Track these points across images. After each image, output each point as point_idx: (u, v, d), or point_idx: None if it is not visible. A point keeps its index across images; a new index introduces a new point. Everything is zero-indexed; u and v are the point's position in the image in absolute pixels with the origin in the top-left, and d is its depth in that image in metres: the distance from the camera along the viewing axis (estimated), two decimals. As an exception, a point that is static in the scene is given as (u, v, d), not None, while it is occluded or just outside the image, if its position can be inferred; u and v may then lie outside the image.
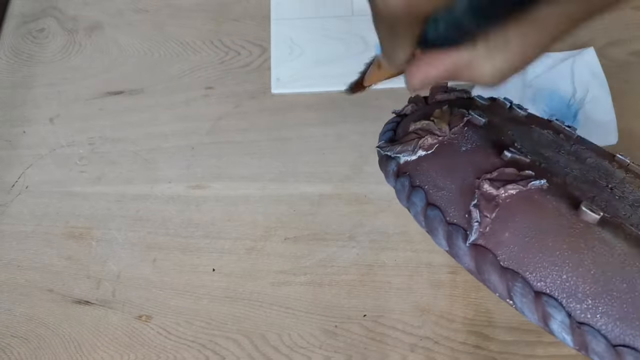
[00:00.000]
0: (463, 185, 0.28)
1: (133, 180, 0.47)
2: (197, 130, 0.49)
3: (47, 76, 0.52)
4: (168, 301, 0.42)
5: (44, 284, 0.43)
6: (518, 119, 0.36)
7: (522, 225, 0.26)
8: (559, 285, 0.25)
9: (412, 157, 0.31)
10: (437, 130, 0.30)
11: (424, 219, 0.29)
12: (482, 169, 0.28)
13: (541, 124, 0.37)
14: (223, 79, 0.51)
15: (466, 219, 0.27)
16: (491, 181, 0.27)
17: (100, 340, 0.41)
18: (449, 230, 0.28)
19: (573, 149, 0.35)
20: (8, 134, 0.49)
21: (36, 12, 0.56)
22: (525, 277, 0.25)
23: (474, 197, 0.27)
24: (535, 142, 0.33)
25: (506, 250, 0.26)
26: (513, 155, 0.27)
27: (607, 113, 0.46)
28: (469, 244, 0.26)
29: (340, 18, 0.53)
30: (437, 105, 0.34)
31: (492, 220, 0.26)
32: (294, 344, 0.40)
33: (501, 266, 0.26)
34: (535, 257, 0.25)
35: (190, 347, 0.40)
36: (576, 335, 0.24)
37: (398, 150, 0.31)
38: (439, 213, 0.28)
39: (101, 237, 0.44)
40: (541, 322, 0.25)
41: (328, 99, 0.49)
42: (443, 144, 0.30)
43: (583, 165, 0.34)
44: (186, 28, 0.54)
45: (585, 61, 0.48)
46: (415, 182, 0.30)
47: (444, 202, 0.28)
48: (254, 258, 0.43)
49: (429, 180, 0.29)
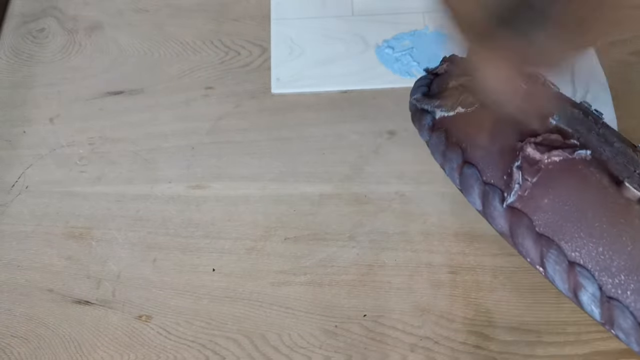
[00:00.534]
0: (505, 146, 0.27)
1: (133, 180, 0.47)
2: (197, 130, 0.49)
3: (47, 76, 0.52)
4: (168, 301, 0.42)
5: (44, 284, 0.43)
6: (555, 94, 0.35)
7: (563, 193, 0.25)
8: (594, 257, 0.24)
9: (449, 113, 0.30)
10: (478, 91, 0.29)
11: (459, 176, 0.28)
12: (526, 133, 0.27)
13: (572, 102, 0.36)
14: (223, 79, 0.51)
15: (504, 181, 0.26)
16: (536, 145, 0.26)
17: (100, 340, 0.41)
18: (485, 190, 0.27)
19: (601, 131, 0.35)
20: (8, 134, 0.49)
21: (36, 12, 0.56)
22: (561, 245, 0.25)
23: (516, 158, 0.26)
24: (571, 118, 0.32)
25: (543, 217, 0.25)
26: (558, 123, 0.27)
27: (607, 113, 0.46)
28: (506, 205, 0.26)
29: (340, 18, 0.53)
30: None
31: (533, 184, 0.26)
32: (294, 344, 0.40)
33: (537, 232, 0.25)
34: (573, 227, 0.25)
35: (190, 347, 0.40)
36: (605, 309, 0.24)
37: (437, 104, 0.30)
38: (475, 171, 0.27)
39: (101, 237, 0.44)
40: (571, 292, 0.24)
41: (328, 99, 0.49)
42: (484, 106, 0.29)
43: (612, 147, 0.33)
44: (186, 28, 0.54)
45: (585, 61, 0.48)
46: (452, 139, 0.29)
47: (482, 161, 0.28)
48: (254, 258, 0.43)
49: (467, 138, 0.29)
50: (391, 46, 0.51)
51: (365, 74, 0.50)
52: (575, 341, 0.39)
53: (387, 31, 0.52)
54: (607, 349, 0.39)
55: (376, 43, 0.51)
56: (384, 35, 0.52)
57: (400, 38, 0.51)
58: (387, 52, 0.51)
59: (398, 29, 0.52)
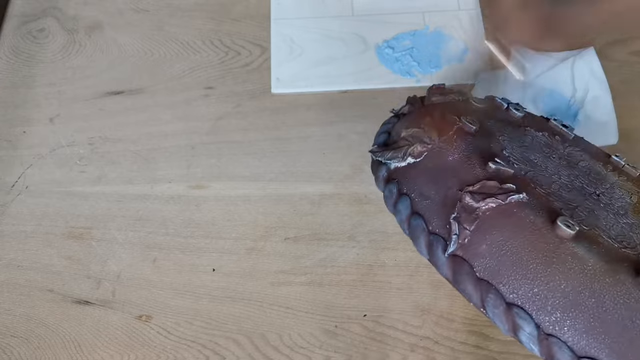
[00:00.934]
0: (446, 195, 0.29)
1: (133, 180, 0.47)
2: (197, 130, 0.49)
3: (47, 76, 0.52)
4: (168, 301, 0.42)
5: (44, 284, 0.43)
6: (513, 121, 0.36)
7: (499, 239, 0.27)
8: (530, 297, 0.26)
9: (401, 164, 0.31)
10: (426, 139, 0.31)
11: (408, 227, 0.30)
12: (465, 180, 0.28)
13: (538, 124, 0.37)
14: (223, 79, 0.51)
15: (447, 230, 0.28)
16: (472, 194, 0.28)
17: (100, 340, 0.41)
18: (430, 240, 0.29)
19: (567, 151, 0.36)
20: (8, 134, 0.49)
21: (36, 12, 0.56)
22: (499, 288, 0.26)
23: (455, 209, 0.28)
24: (526, 147, 0.33)
25: (482, 262, 0.27)
26: (497, 166, 0.28)
27: (608, 113, 0.46)
28: (447, 255, 0.28)
29: (340, 18, 0.53)
30: (432, 108, 0.34)
31: (471, 232, 0.27)
32: (294, 344, 0.40)
33: (477, 277, 0.27)
34: (509, 270, 0.26)
35: (190, 347, 0.40)
36: (543, 346, 0.25)
37: (389, 156, 0.32)
38: (422, 222, 0.29)
39: (101, 237, 0.44)
40: (511, 332, 0.26)
41: (328, 99, 0.49)
42: (432, 152, 0.31)
43: (573, 170, 0.34)
44: (186, 28, 0.54)
45: (585, 61, 0.48)
46: (403, 189, 0.31)
47: (427, 211, 0.29)
48: (254, 258, 0.43)
49: (416, 189, 0.30)
50: (391, 46, 0.51)
51: (365, 74, 0.50)
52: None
53: (387, 31, 0.52)
54: (607, 349, 0.39)
55: (376, 43, 0.51)
56: (384, 35, 0.52)
57: (400, 38, 0.51)
58: (387, 52, 0.51)
59: (398, 29, 0.52)
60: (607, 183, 0.35)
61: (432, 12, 0.53)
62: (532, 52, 0.49)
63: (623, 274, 0.25)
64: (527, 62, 0.48)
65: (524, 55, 0.48)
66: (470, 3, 0.53)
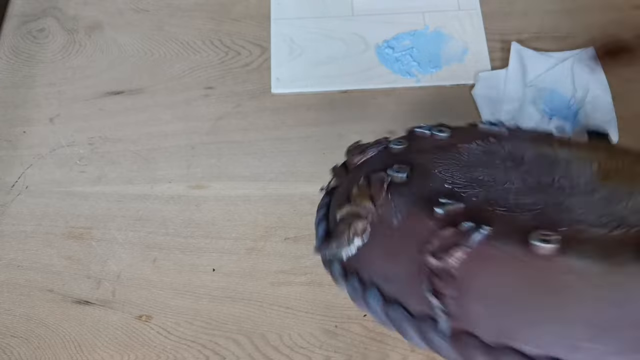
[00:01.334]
0: (410, 266, 0.24)
1: (133, 180, 0.47)
2: (197, 130, 0.49)
3: (47, 76, 0.52)
4: (168, 301, 0.42)
5: (44, 284, 0.43)
6: (442, 144, 0.33)
7: (486, 291, 0.22)
8: (553, 341, 0.21)
9: (351, 251, 0.27)
10: (362, 211, 0.27)
11: (388, 320, 0.25)
12: (420, 239, 0.24)
13: (467, 136, 0.34)
14: (223, 79, 0.51)
15: (430, 306, 0.23)
16: (434, 254, 0.23)
17: (100, 340, 0.41)
18: (417, 326, 0.24)
19: (507, 149, 0.32)
20: (8, 134, 0.49)
21: (36, 12, 0.56)
22: (517, 347, 0.22)
23: (425, 278, 0.23)
24: (466, 166, 0.30)
25: (484, 325, 0.22)
26: (445, 207, 0.24)
27: (608, 113, 0.46)
28: (444, 336, 0.23)
29: (340, 18, 0.53)
30: (356, 173, 0.31)
31: (457, 297, 0.23)
32: (294, 344, 0.40)
33: (486, 345, 0.22)
34: (515, 322, 0.22)
35: (190, 347, 0.40)
36: None
37: (334, 248, 0.27)
38: (399, 309, 0.25)
39: (101, 237, 0.44)
40: None
41: (328, 99, 0.49)
42: (374, 225, 0.26)
43: (522, 166, 0.31)
44: (186, 28, 0.54)
45: (585, 61, 0.48)
46: (365, 279, 0.26)
47: (401, 293, 0.25)
48: (254, 258, 0.43)
49: (378, 273, 0.26)
50: (391, 46, 0.51)
51: (365, 74, 0.50)
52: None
53: (387, 31, 0.52)
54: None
55: (376, 43, 0.51)
56: (384, 35, 0.52)
57: (400, 38, 0.51)
58: (387, 52, 0.51)
59: (398, 29, 0.52)
60: (561, 163, 0.31)
61: (432, 12, 0.53)
62: (531, 52, 0.49)
63: (632, 265, 0.20)
64: (528, 62, 0.48)
65: (523, 55, 0.48)
66: (470, 3, 0.53)
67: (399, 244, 0.25)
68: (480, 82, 0.48)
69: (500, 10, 0.52)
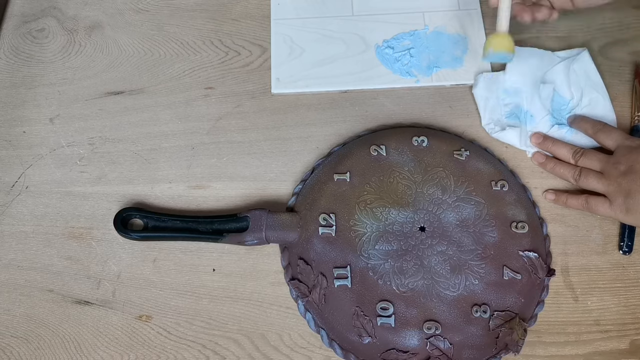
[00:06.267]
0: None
1: (133, 180, 0.47)
2: (197, 130, 0.49)
3: (47, 76, 0.52)
4: (168, 301, 0.42)
5: (44, 284, 0.43)
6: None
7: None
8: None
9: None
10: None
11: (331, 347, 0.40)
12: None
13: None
14: (223, 79, 0.51)
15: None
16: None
17: (100, 340, 0.41)
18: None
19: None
20: (8, 134, 0.49)
21: (36, 12, 0.56)
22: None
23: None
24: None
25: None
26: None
27: (607, 113, 0.46)
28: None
29: (340, 18, 0.53)
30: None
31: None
32: (294, 343, 0.40)
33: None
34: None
35: (190, 347, 0.40)
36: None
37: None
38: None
39: (101, 237, 0.44)
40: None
41: (328, 99, 0.49)
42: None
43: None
44: (186, 28, 0.54)
45: (580, 64, 0.48)
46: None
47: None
48: (254, 258, 0.43)
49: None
50: (391, 46, 0.51)
51: (365, 74, 0.50)
52: (575, 341, 0.39)
53: (387, 31, 0.52)
54: (607, 349, 0.39)
55: (376, 43, 0.51)
56: (384, 35, 0.52)
57: (400, 38, 0.51)
58: (387, 52, 0.51)
59: (398, 29, 0.52)
60: (430, 178, 0.43)
61: (432, 12, 0.53)
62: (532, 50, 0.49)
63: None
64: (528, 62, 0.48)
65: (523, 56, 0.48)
66: (470, 3, 0.53)
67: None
68: (480, 82, 0.48)
69: (500, 10, 0.52)
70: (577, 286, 0.41)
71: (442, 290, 0.39)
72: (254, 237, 0.41)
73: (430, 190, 0.42)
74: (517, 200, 0.42)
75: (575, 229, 0.43)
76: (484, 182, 0.42)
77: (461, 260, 0.39)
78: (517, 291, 0.39)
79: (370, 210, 0.41)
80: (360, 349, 0.38)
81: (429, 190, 0.42)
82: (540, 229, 0.42)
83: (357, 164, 0.43)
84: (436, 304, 0.38)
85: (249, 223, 0.41)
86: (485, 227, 0.41)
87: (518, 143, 0.46)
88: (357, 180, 0.43)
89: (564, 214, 0.44)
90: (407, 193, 0.42)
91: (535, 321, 0.39)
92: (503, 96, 0.47)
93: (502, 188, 0.42)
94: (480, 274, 0.39)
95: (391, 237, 0.40)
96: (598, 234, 0.43)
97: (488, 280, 0.39)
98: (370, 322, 0.38)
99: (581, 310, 0.40)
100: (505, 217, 0.41)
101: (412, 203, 0.41)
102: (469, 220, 0.41)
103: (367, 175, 0.43)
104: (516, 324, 0.38)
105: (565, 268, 0.42)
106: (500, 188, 0.42)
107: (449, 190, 0.42)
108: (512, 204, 0.42)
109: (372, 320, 0.38)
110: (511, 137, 0.46)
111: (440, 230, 0.40)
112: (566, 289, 0.41)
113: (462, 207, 0.41)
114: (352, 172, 0.43)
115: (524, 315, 0.39)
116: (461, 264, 0.39)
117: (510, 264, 0.39)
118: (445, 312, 0.38)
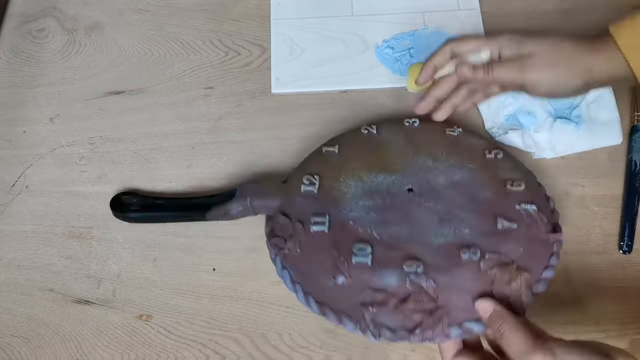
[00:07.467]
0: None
1: (133, 179, 0.47)
2: (197, 129, 0.49)
3: (47, 76, 0.52)
4: (168, 300, 0.42)
5: (45, 284, 0.43)
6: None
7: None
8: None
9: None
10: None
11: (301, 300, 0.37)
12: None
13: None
14: (223, 78, 0.51)
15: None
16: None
17: (100, 339, 0.41)
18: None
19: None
20: (8, 133, 0.49)
21: (36, 12, 0.56)
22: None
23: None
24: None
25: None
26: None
27: (611, 112, 0.46)
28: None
29: (340, 18, 0.53)
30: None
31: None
32: (294, 343, 0.40)
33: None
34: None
35: (190, 347, 0.40)
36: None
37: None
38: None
39: (101, 236, 0.44)
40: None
41: (328, 99, 0.50)
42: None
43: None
44: (186, 28, 0.54)
45: None
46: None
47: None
48: (254, 257, 0.43)
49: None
50: (391, 46, 0.51)
51: (365, 74, 0.50)
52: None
53: (387, 31, 0.52)
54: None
55: (376, 43, 0.51)
56: (384, 35, 0.52)
57: (400, 38, 0.51)
58: (386, 52, 0.51)
59: (398, 29, 0.52)
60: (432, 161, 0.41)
61: (432, 12, 0.53)
62: None
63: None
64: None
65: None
66: (470, 3, 0.53)
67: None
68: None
69: (500, 10, 0.52)
70: (577, 286, 0.41)
71: (427, 237, 0.36)
72: (239, 204, 0.40)
73: (421, 160, 0.40)
74: (514, 167, 0.41)
75: (575, 228, 0.43)
76: (478, 153, 0.41)
77: (450, 214, 0.37)
78: (513, 239, 0.36)
79: (357, 174, 0.40)
80: (336, 298, 0.35)
81: (420, 159, 0.40)
82: (539, 188, 0.40)
83: (347, 139, 0.43)
84: (420, 249, 0.35)
85: (235, 193, 0.41)
86: (478, 187, 0.38)
87: (522, 145, 0.46)
88: (346, 151, 0.42)
89: (564, 214, 0.44)
90: (396, 162, 0.40)
91: (544, 286, 0.35)
92: (504, 97, 0.47)
93: (496, 156, 0.41)
94: (472, 224, 0.36)
95: (376, 195, 0.38)
96: (598, 234, 0.43)
97: (480, 230, 0.36)
98: (344, 261, 0.35)
99: (581, 310, 0.40)
100: (500, 178, 0.39)
101: (401, 170, 0.40)
102: (461, 182, 0.39)
103: (356, 148, 0.42)
104: (514, 271, 0.34)
105: (565, 268, 0.42)
106: (494, 156, 0.41)
107: (440, 159, 0.40)
108: (508, 168, 0.40)
109: (347, 259, 0.35)
110: (515, 139, 0.46)
111: (429, 191, 0.38)
112: (566, 288, 0.41)
113: (454, 172, 0.39)
114: (341, 145, 0.42)
115: (526, 269, 0.35)
116: (450, 217, 0.37)
117: (506, 215, 0.36)
118: (429, 255, 0.35)
